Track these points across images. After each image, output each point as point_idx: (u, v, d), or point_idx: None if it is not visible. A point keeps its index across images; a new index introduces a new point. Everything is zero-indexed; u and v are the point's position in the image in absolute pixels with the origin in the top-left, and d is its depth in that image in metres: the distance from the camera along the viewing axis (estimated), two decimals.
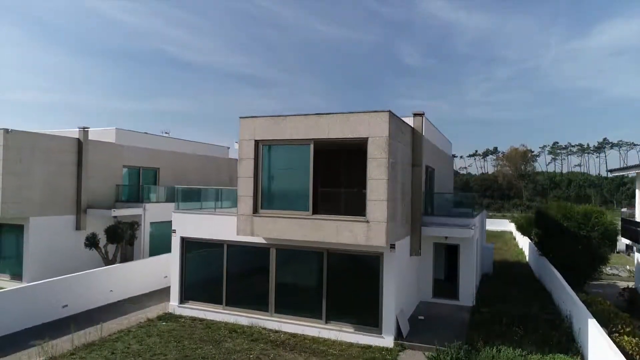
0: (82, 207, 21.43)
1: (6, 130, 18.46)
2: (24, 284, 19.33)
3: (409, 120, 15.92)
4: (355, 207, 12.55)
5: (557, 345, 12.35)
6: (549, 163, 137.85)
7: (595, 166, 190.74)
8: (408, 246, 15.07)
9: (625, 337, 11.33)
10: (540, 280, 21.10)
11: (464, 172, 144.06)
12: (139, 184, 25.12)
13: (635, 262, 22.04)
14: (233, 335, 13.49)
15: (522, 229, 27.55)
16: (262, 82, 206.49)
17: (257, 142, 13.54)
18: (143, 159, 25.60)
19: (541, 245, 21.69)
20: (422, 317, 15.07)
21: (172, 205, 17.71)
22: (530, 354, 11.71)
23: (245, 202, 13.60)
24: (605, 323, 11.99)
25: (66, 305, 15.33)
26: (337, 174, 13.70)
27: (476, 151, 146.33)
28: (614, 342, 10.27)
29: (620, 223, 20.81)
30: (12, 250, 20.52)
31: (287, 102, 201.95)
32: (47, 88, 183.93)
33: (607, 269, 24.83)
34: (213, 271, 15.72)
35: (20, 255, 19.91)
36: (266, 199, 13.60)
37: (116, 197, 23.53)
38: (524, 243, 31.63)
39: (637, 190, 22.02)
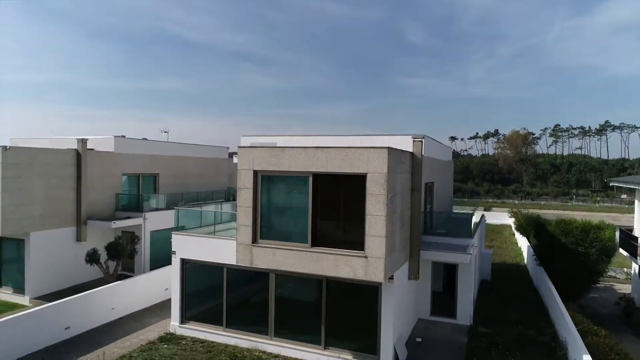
0: (82, 218, 21.47)
1: (4, 148, 18.36)
2: (26, 298, 19.70)
3: (408, 141, 15.77)
4: (355, 238, 12.52)
5: None
6: (550, 145, 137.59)
7: (596, 149, 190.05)
8: (407, 271, 15.16)
9: None
10: (538, 289, 21.27)
11: (465, 154, 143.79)
12: (138, 192, 25.05)
13: (633, 272, 22.19)
14: None
15: (521, 228, 27.65)
16: (264, 60, 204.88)
17: (255, 172, 13.46)
18: (142, 166, 25.49)
19: (539, 255, 21.78)
20: (419, 340, 15.27)
21: (172, 212, 17.74)
22: None
23: (245, 231, 13.61)
24: (600, 357, 12.16)
25: (68, 327, 15.50)
26: (336, 204, 13.66)
27: (477, 133, 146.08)
28: None
29: (618, 234, 20.79)
30: (13, 264, 20.65)
31: (289, 80, 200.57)
32: (45, 68, 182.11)
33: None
34: (213, 292, 15.87)
35: (22, 269, 20.02)
36: (265, 229, 13.60)
37: (116, 206, 23.53)
38: (522, 242, 31.79)
39: (636, 202, 22.01)
